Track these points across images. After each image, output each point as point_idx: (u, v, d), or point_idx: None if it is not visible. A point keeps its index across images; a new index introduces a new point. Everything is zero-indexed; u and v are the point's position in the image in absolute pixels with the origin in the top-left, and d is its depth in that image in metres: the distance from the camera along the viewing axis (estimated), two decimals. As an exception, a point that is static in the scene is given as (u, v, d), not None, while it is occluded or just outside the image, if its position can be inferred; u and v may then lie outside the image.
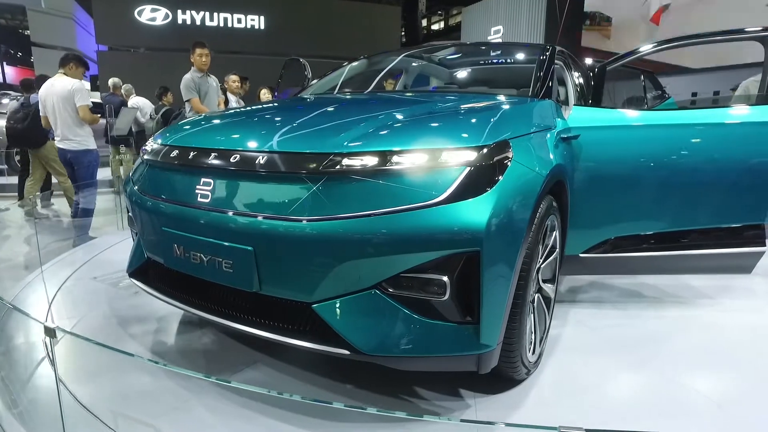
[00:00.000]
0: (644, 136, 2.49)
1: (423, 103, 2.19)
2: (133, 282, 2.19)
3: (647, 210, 2.57)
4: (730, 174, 2.50)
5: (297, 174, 1.57)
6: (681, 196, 2.54)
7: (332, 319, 1.57)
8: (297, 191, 1.56)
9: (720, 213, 2.59)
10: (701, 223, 2.61)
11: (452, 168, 1.53)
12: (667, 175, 2.50)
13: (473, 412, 1.79)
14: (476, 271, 1.49)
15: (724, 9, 9.99)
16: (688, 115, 2.54)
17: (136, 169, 2.23)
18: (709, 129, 2.51)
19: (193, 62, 4.60)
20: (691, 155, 2.50)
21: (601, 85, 2.58)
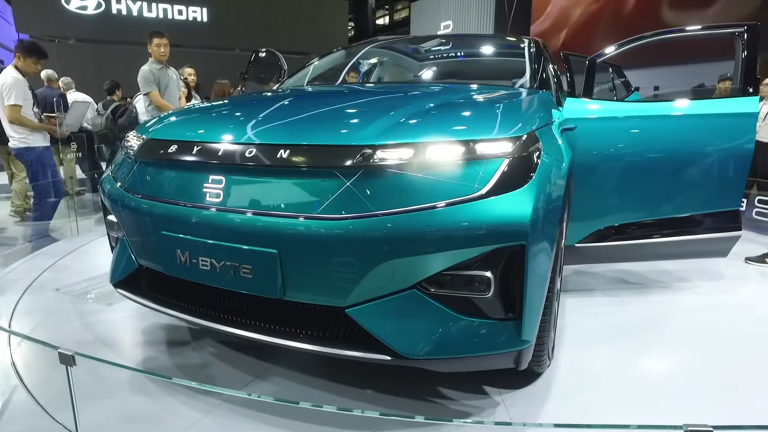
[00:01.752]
0: (636, 127, 2.56)
1: (439, 94, 2.11)
2: (121, 294, 1.98)
3: (637, 199, 2.65)
4: (709, 162, 2.62)
5: (328, 168, 1.45)
6: (668, 184, 2.64)
7: (369, 323, 1.47)
8: (328, 187, 1.44)
9: (701, 200, 2.71)
10: (684, 211, 2.73)
11: (492, 159, 1.47)
12: (656, 165, 2.58)
13: (504, 410, 1.76)
14: (521, 266, 1.44)
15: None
16: (675, 106, 2.63)
17: (118, 167, 2.00)
18: (692, 120, 2.61)
19: (150, 53, 4.27)
20: (676, 145, 2.60)
21: (592, 78, 2.62)
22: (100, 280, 3.00)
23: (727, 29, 2.72)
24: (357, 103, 1.93)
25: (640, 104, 2.66)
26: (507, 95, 2.07)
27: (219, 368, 2.00)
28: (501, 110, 1.75)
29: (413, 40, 3.20)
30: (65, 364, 1.20)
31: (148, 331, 2.33)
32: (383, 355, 1.46)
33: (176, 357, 2.10)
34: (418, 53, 3.10)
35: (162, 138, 1.81)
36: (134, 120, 4.95)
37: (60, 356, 1.20)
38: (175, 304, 1.79)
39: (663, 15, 10.31)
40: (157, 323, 2.39)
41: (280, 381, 1.91)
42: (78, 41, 14.32)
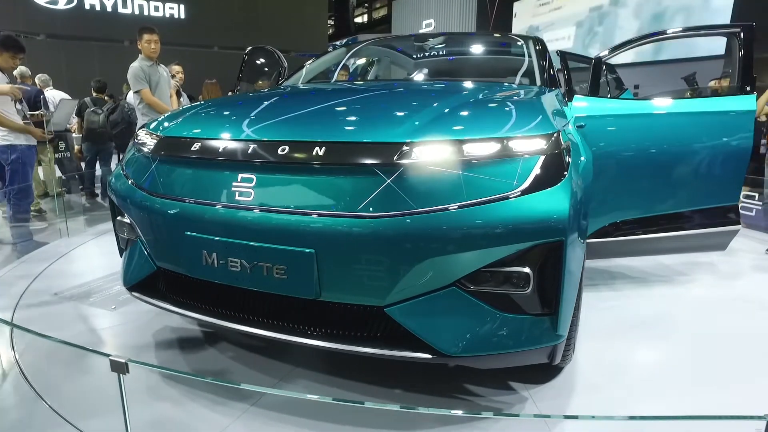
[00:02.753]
0: (643, 125, 2.62)
1: (462, 91, 2.10)
2: (138, 297, 1.91)
3: (642, 196, 2.71)
4: (710, 159, 2.70)
5: (367, 166, 1.43)
6: (671, 180, 2.70)
7: (409, 321, 1.46)
8: (367, 185, 1.42)
9: (702, 196, 2.79)
10: (686, 206, 2.80)
11: (529, 156, 1.48)
12: (660, 162, 2.64)
13: (533, 405, 1.77)
14: (558, 261, 1.45)
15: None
16: (678, 104, 2.70)
17: (131, 166, 1.94)
18: (694, 117, 2.68)
19: (140, 50, 4.14)
20: (679, 142, 2.66)
21: (598, 76, 2.67)
22: (100, 282, 2.91)
23: (725, 29, 2.80)
24: (385, 100, 1.91)
25: (645, 102, 2.71)
26: (526, 93, 2.08)
27: (241, 372, 1.96)
28: (530, 108, 1.75)
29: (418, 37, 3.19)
30: (117, 372, 1.15)
31: (159, 334, 2.26)
32: (424, 353, 1.46)
33: (194, 361, 2.04)
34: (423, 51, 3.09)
35: (183, 136, 1.75)
36: (127, 117, 4.80)
37: (112, 364, 1.14)
38: (199, 307, 1.74)
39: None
40: (167, 326, 2.33)
41: (304, 383, 1.88)
42: (48, 37, 13.82)
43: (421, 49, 3.08)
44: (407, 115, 1.60)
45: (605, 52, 2.72)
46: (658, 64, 9.12)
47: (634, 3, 11.02)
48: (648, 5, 10.82)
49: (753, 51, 2.73)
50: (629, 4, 11.19)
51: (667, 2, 10.41)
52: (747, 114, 2.67)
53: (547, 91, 2.23)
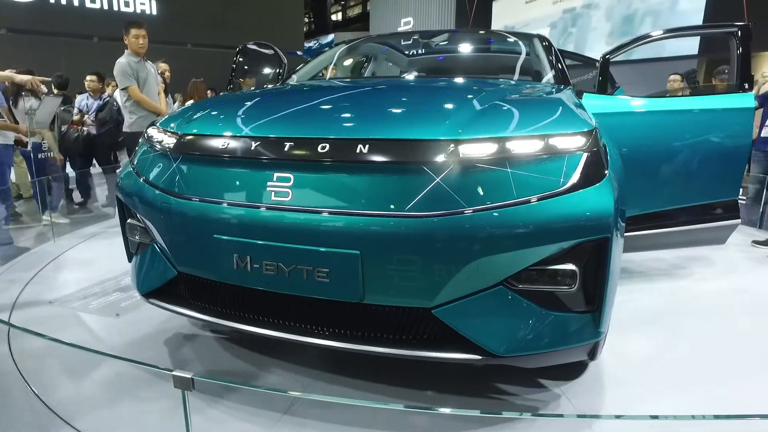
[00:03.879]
0: (651, 122, 2.66)
1: (488, 88, 2.08)
2: (156, 304, 1.82)
3: (649, 192, 2.76)
4: (712, 155, 2.77)
5: (415, 164, 1.39)
6: (676, 177, 2.76)
7: (458, 322, 1.43)
8: (416, 183, 1.39)
9: (704, 191, 2.86)
10: (688, 201, 2.86)
11: (574, 154, 1.47)
12: (666, 158, 2.70)
13: (567, 402, 1.77)
14: (604, 258, 1.45)
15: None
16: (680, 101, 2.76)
17: (144, 164, 1.84)
18: (697, 115, 2.74)
19: (127, 45, 3.97)
20: (684, 139, 2.72)
21: (606, 74, 2.69)
22: (97, 289, 2.78)
23: (722, 29, 2.88)
24: (417, 97, 1.86)
25: (652, 100, 2.76)
26: (548, 90, 2.08)
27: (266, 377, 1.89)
28: (562, 105, 1.75)
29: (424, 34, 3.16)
30: (182, 389, 1.07)
31: (172, 342, 2.16)
32: (473, 354, 1.43)
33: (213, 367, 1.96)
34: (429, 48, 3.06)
35: (208, 133, 1.67)
36: (115, 115, 4.59)
37: (176, 380, 1.06)
38: (227, 314, 1.66)
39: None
40: (178, 333, 2.24)
41: (330, 388, 1.83)
42: (10, 32, 13.19)
43: (427, 47, 3.05)
44: (448, 111, 1.57)
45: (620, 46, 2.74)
46: (628, 63, 9.36)
47: (606, 5, 11.30)
48: (619, 7, 11.11)
49: (750, 50, 2.81)
50: (601, 7, 11.46)
51: (637, 5, 10.71)
52: (746, 111, 2.75)
53: (565, 88, 2.23)
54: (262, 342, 2.10)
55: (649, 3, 10.45)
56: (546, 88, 2.15)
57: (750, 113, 2.77)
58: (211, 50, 15.09)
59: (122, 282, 2.89)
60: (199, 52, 14.47)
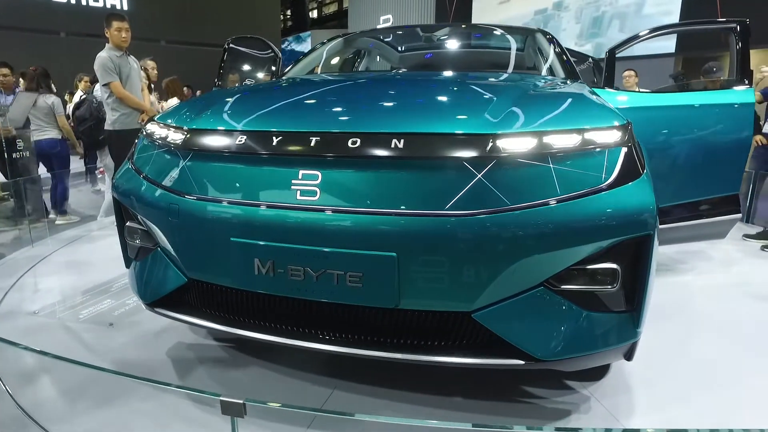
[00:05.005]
0: (658, 117, 2.65)
1: (512, 82, 2.01)
2: (162, 314, 1.69)
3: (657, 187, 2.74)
4: (715, 150, 2.78)
5: (456, 160, 1.31)
6: (681, 172, 2.76)
7: (498, 326, 1.35)
8: (456, 180, 1.30)
9: (707, 186, 2.87)
10: (691, 197, 2.87)
11: (613, 148, 1.41)
12: (672, 153, 2.69)
13: (598, 403, 1.72)
14: (646, 256, 1.40)
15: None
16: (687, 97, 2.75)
17: (146, 162, 1.71)
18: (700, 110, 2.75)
19: (109, 38, 3.76)
20: (688, 134, 2.73)
21: (613, 69, 2.67)
22: (84, 297, 2.60)
23: (721, 25, 2.89)
24: (447, 90, 1.78)
25: (660, 95, 2.75)
26: (572, 85, 2.03)
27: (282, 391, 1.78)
28: (592, 99, 1.69)
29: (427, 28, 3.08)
30: (231, 415, 0.95)
31: (175, 352, 2.03)
32: (516, 360, 1.36)
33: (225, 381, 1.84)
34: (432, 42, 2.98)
35: (222, 128, 1.55)
36: (95, 112, 4.35)
37: (223, 405, 0.94)
38: (246, 323, 1.55)
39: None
40: (180, 342, 2.10)
41: (354, 398, 1.73)
42: (-30, 27, 12.56)
43: (430, 40, 2.97)
44: (482, 105, 1.49)
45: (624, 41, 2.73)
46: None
47: (575, 7, 11.46)
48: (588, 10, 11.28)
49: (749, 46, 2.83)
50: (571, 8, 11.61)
51: (605, 8, 10.91)
52: (747, 106, 2.77)
53: (579, 83, 2.19)
54: (271, 350, 1.98)
55: (616, 6, 10.66)
56: (563, 83, 2.10)
57: (750, 108, 2.79)
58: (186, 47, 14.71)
59: (112, 288, 2.73)
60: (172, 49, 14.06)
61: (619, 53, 2.73)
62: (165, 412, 1.63)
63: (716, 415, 1.68)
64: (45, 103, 4.39)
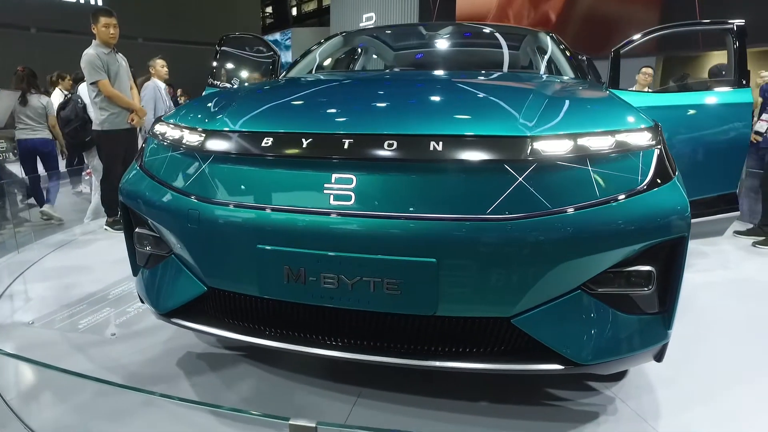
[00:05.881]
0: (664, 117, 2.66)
1: (533, 83, 1.98)
2: (179, 324, 1.62)
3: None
4: (715, 149, 2.83)
5: (496, 162, 1.28)
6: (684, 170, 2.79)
7: (538, 331, 1.33)
8: (497, 183, 1.27)
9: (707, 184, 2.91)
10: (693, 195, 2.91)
11: (646, 150, 1.41)
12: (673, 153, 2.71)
13: (623, 404, 1.72)
14: (680, 257, 1.39)
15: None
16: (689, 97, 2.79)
17: (159, 165, 1.63)
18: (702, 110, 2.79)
19: (96, 34, 3.62)
20: (690, 134, 2.77)
21: (618, 69, 2.69)
22: (81, 306, 2.49)
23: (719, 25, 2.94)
24: (477, 92, 1.74)
25: (660, 95, 2.78)
26: (588, 86, 2.02)
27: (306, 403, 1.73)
28: (618, 100, 1.69)
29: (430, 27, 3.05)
30: None
31: (185, 363, 1.95)
32: (555, 364, 1.34)
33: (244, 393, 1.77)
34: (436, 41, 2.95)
35: (246, 130, 1.49)
36: (81, 113, 4.18)
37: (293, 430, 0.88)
38: (272, 333, 1.49)
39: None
40: (190, 352, 2.02)
41: (380, 405, 1.69)
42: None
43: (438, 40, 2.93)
44: (516, 106, 1.46)
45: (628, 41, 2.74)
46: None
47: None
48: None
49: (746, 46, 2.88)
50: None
51: None
52: (745, 106, 2.82)
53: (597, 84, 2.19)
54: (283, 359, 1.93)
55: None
56: (582, 84, 2.10)
57: (748, 108, 2.85)
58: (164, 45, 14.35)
59: (109, 296, 2.62)
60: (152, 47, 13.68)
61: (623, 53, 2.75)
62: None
63: (743, 413, 1.70)
64: (40, 104, 4.44)
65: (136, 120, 3.81)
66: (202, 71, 5.61)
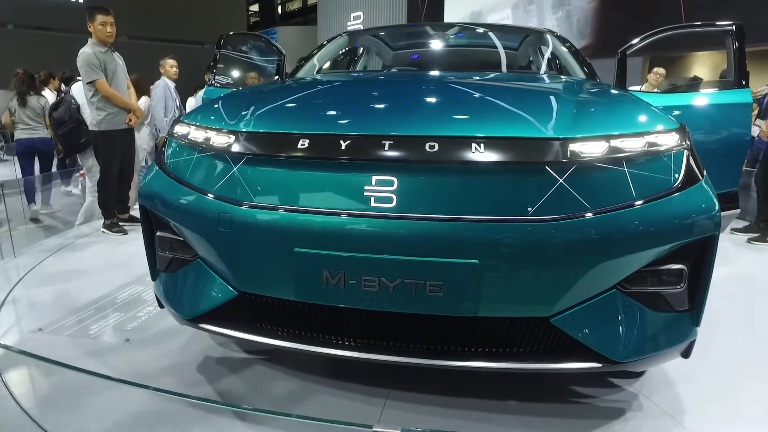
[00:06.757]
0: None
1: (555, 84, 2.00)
2: (207, 330, 1.60)
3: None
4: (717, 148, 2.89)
5: (538, 164, 1.29)
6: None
7: (576, 330, 1.35)
8: (538, 185, 1.29)
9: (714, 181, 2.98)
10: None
11: (677, 151, 1.44)
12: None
13: (647, 400, 1.74)
14: (711, 256, 1.43)
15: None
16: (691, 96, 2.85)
17: (185, 167, 1.60)
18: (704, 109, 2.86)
19: (92, 33, 3.53)
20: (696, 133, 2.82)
21: (624, 69, 2.73)
22: (89, 312, 2.43)
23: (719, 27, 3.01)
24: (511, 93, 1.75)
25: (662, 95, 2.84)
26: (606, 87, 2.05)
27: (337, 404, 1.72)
28: (641, 101, 1.71)
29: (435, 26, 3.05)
30: None
31: (206, 369, 1.92)
32: (593, 363, 1.36)
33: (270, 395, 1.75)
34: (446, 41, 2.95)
35: (281, 131, 1.47)
36: (75, 114, 4.08)
37: None
38: (309, 337, 1.48)
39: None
40: (209, 357, 2.00)
41: (408, 407, 1.69)
42: None
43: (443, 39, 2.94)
44: (550, 108, 1.48)
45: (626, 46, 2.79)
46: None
47: (542, 1, 11.65)
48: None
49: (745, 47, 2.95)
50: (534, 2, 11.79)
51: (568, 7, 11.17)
52: (745, 106, 2.89)
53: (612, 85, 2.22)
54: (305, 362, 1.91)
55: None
56: (602, 85, 2.12)
57: (748, 108, 2.92)
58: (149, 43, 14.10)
59: (117, 301, 2.57)
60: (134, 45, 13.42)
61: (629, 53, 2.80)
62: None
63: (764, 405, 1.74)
64: (39, 104, 4.70)
65: (134, 120, 3.74)
66: (185, 70, 5.56)
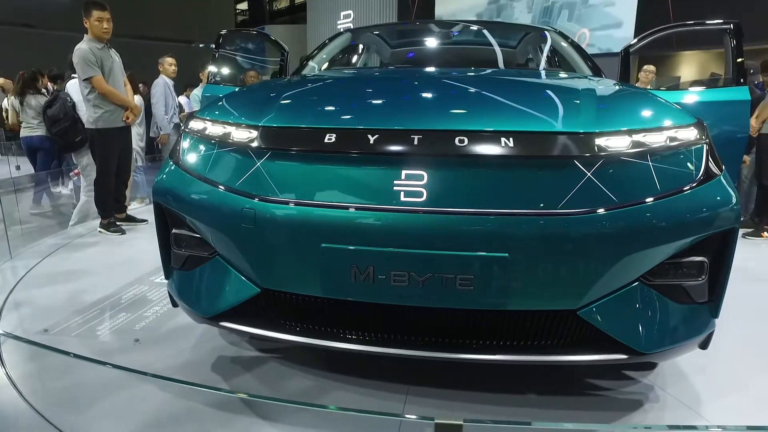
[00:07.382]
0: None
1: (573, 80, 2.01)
2: (228, 328, 1.58)
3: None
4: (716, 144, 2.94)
5: (566, 158, 1.30)
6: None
7: (602, 322, 1.36)
8: (567, 179, 1.30)
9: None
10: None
11: (698, 146, 1.47)
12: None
13: (663, 392, 1.77)
14: (731, 248, 1.45)
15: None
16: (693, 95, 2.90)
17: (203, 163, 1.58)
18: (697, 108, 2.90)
19: (88, 29, 3.46)
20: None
21: (628, 66, 2.77)
22: (93, 313, 2.38)
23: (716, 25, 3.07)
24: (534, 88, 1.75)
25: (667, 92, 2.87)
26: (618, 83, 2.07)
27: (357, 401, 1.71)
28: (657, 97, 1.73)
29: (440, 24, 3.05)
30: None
31: (221, 367, 1.90)
32: (619, 354, 1.38)
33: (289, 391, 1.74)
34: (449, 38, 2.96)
35: (305, 126, 1.46)
36: (70, 111, 3.99)
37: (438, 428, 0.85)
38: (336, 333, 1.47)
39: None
40: (221, 356, 1.97)
41: (429, 402, 1.69)
42: None
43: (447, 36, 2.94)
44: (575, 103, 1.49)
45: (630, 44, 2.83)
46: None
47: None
48: (538, 0, 11.65)
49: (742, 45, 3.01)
50: (522, -2, 11.92)
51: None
52: (743, 103, 2.95)
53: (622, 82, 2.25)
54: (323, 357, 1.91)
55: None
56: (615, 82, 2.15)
57: (746, 105, 2.98)
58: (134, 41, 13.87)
59: (121, 301, 2.52)
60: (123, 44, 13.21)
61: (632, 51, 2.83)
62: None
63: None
64: (38, 103, 4.74)
65: (131, 118, 3.68)
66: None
